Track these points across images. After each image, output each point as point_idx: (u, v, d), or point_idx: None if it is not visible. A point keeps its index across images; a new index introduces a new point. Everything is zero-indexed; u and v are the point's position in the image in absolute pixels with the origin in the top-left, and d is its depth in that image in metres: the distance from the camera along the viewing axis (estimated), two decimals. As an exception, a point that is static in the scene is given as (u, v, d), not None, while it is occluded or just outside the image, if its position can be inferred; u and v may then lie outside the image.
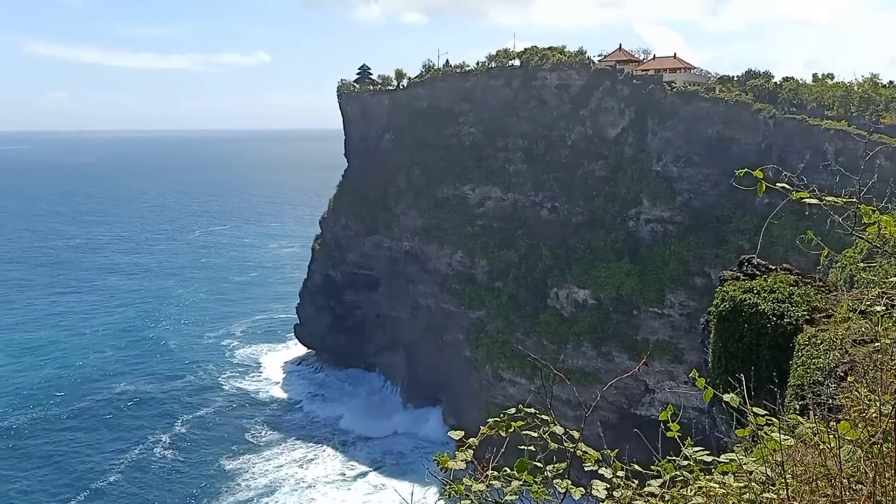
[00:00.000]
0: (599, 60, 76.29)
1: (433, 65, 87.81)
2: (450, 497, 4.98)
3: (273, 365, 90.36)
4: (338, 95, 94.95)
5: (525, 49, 78.72)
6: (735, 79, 70.94)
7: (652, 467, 4.86)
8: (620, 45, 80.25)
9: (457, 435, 5.61)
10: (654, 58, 78.50)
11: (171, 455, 65.10)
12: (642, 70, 73.72)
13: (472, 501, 4.78)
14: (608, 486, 4.85)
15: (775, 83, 67.15)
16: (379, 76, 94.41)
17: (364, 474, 63.59)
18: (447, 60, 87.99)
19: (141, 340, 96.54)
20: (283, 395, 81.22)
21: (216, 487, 59.94)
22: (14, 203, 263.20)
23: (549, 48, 77.08)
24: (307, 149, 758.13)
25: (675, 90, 66.48)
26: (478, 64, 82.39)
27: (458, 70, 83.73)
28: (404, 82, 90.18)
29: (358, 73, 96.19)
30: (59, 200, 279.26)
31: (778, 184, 4.86)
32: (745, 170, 5.04)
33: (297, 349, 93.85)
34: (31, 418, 71.36)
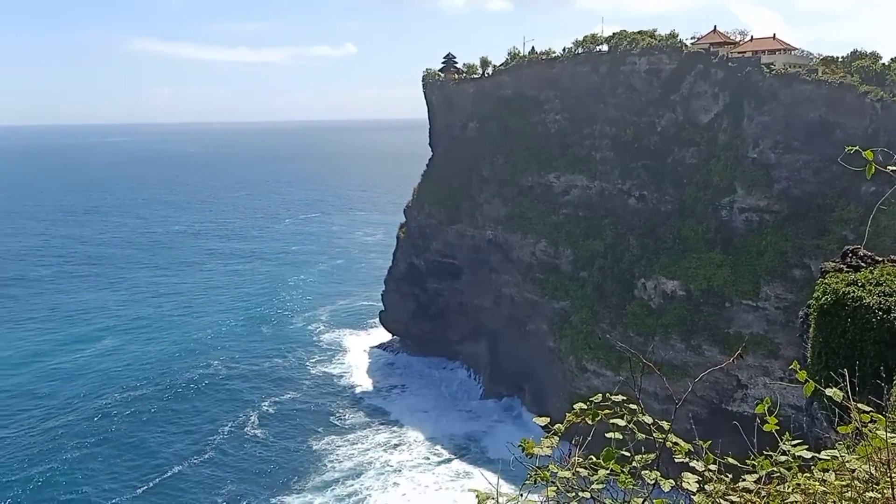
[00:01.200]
0: (692, 43, 73.65)
1: (518, 52, 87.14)
2: (535, 483, 4.97)
3: (358, 350, 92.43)
4: (423, 85, 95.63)
5: (613, 34, 76.90)
6: (839, 60, 67.03)
7: (747, 461, 4.69)
8: (715, 26, 77.26)
9: (542, 421, 5.60)
10: (752, 39, 75.12)
11: (261, 434, 67.62)
12: (738, 52, 70.69)
13: (557, 489, 4.75)
14: (699, 479, 4.71)
15: (883, 64, 63.05)
16: (464, 65, 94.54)
17: (448, 460, 64.22)
18: (533, 47, 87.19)
19: (235, 324, 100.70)
20: (367, 380, 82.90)
21: (304, 468, 61.91)
22: (120, 192, 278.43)
23: (639, 32, 75.02)
24: (392, 138, 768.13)
25: (773, 73, 63.41)
26: (564, 50, 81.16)
27: (544, 57, 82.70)
28: (489, 70, 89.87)
29: (443, 62, 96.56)
30: (162, 189, 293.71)
31: (889, 167, 4.58)
32: (856, 148, 4.77)
33: (381, 335, 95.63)
34: (133, 394, 75.65)
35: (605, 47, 76.88)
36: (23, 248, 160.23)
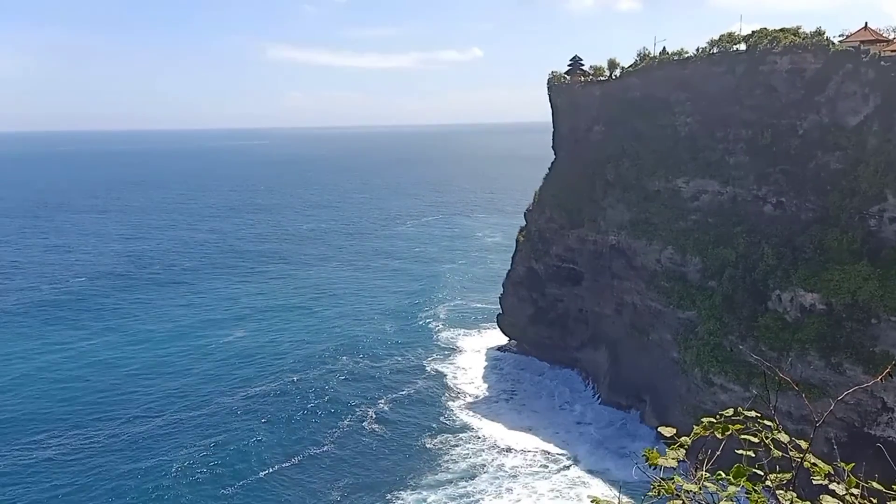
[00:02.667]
0: (840, 41, 68.62)
1: (648, 53, 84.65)
2: (659, 495, 4.85)
3: (474, 351, 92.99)
4: (548, 87, 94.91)
5: (752, 32, 72.93)
6: None
7: (894, 487, 4.36)
8: (866, 23, 71.52)
9: (668, 432, 5.43)
10: (908, 35, 69.00)
11: (379, 430, 69.38)
12: (892, 51, 65.13)
13: (682, 502, 4.62)
14: (840, 503, 4.42)
15: None
16: (591, 67, 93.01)
17: (565, 468, 63.21)
18: (664, 48, 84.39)
19: (361, 323, 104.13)
20: (483, 383, 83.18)
21: (419, 466, 62.90)
22: (251, 192, 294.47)
23: (781, 30, 70.76)
24: (515, 141, 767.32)
25: (934, 71, 57.95)
26: (698, 50, 77.93)
27: (676, 57, 79.80)
28: (617, 72, 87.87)
29: (569, 65, 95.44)
30: (293, 190, 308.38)
31: None
32: None
33: (498, 337, 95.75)
34: (267, 387, 79.71)
35: (742, 46, 73.12)
36: (194, 241, 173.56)
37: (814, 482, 4.51)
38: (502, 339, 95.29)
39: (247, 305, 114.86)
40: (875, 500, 4.32)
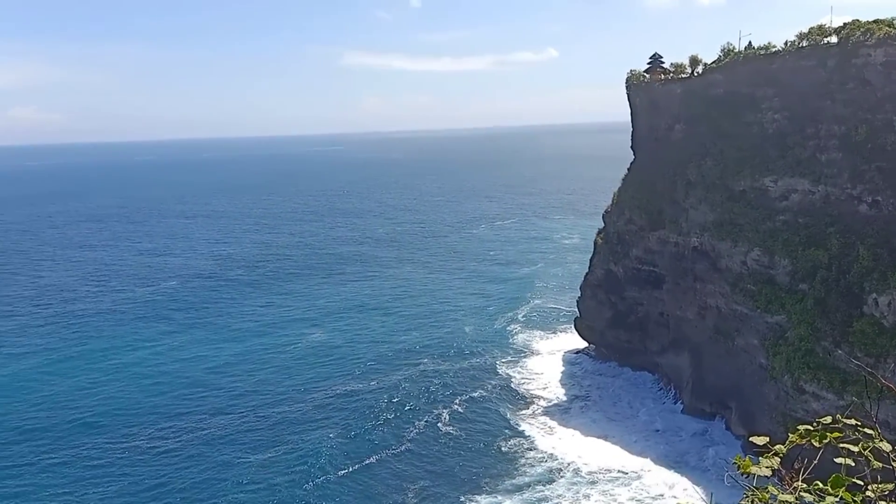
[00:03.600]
0: (942, 29, 64.49)
1: (733, 48, 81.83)
2: (752, 504, 4.69)
3: (551, 355, 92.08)
4: (626, 86, 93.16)
5: (844, 24, 69.46)
6: None
7: None
8: (973, 8, 67.05)
9: (760, 441, 5.24)
10: None
11: (453, 431, 69.50)
12: None
13: (776, 512, 4.46)
14: (950, 518, 4.18)
15: None
16: (671, 64, 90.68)
17: (645, 475, 61.65)
18: (749, 42, 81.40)
19: (437, 324, 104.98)
20: (560, 386, 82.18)
21: (496, 469, 62.64)
22: (329, 197, 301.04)
23: (874, 21, 67.06)
24: (592, 141, 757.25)
25: None
26: (785, 44, 74.82)
27: (762, 52, 76.88)
28: (699, 69, 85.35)
29: (649, 62, 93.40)
30: (370, 193, 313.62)
31: None
32: None
33: (575, 341, 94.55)
34: (344, 387, 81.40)
35: (833, 39, 69.72)
36: (276, 244, 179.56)
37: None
38: (579, 343, 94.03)
39: (325, 306, 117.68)
40: None
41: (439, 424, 70.86)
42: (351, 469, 62.04)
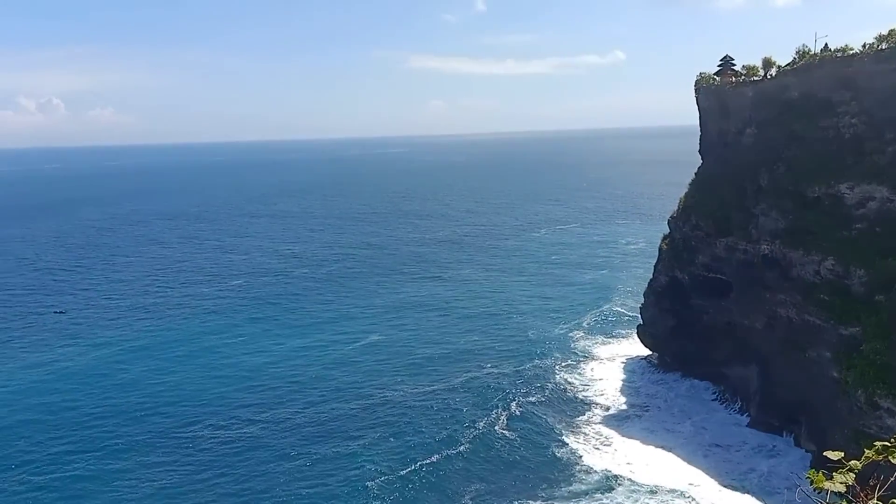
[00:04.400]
0: None
1: (808, 50, 79.08)
2: (825, 520, 4.55)
3: (612, 362, 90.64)
4: (695, 89, 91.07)
5: (929, 24, 66.30)
6: None
7: None
8: None
9: (834, 456, 5.06)
10: None
11: (510, 435, 69.07)
12: None
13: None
14: None
15: None
16: (743, 66, 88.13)
17: (706, 489, 59.91)
18: (825, 45, 78.51)
19: (497, 327, 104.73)
20: (619, 395, 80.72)
21: (552, 474, 61.96)
22: (391, 198, 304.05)
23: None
24: (658, 146, 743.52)
25: None
26: (864, 46, 71.88)
27: (839, 54, 74.04)
28: (772, 71, 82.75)
29: (719, 65, 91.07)
30: (430, 196, 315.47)
31: None
32: None
33: (637, 349, 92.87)
34: (402, 386, 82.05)
35: (916, 40, 66.62)
36: (339, 244, 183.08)
37: None
38: (642, 351, 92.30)
39: (385, 305, 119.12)
40: None
41: (496, 427, 70.63)
42: (408, 469, 62.35)
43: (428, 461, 63.55)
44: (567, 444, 67.58)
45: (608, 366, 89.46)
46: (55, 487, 60.97)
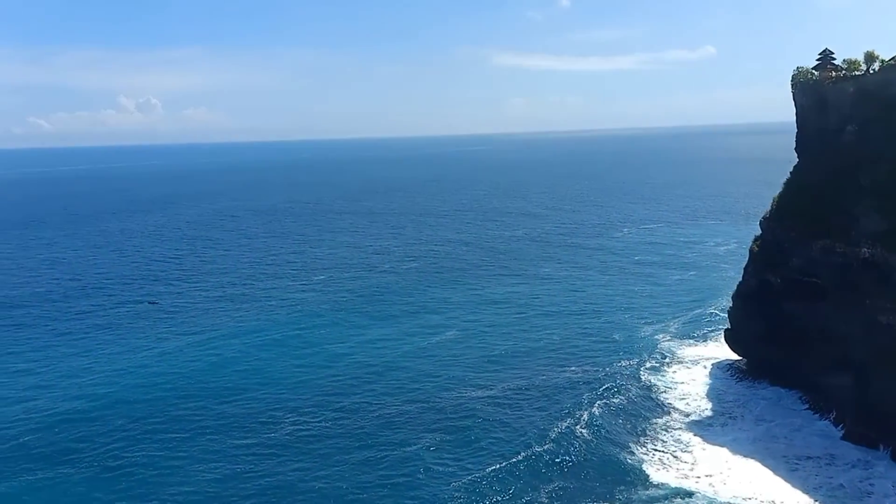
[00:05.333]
0: None
1: (917, 42, 74.40)
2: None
3: (697, 367, 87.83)
4: (792, 85, 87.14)
5: None
6: None
7: None
8: None
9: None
10: None
11: (589, 437, 67.80)
12: None
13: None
14: None
15: None
16: (843, 61, 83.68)
17: (795, 502, 57.14)
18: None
19: (582, 326, 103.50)
20: (704, 399, 78.05)
21: (629, 477, 60.53)
22: (473, 198, 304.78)
23: None
24: (750, 144, 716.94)
25: None
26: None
27: (953, 46, 69.27)
28: (875, 66, 78.26)
29: (818, 60, 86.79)
30: (512, 193, 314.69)
31: None
32: None
33: (724, 353, 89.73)
34: (483, 385, 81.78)
35: None
36: (419, 241, 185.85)
37: None
38: (729, 356, 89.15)
39: (463, 301, 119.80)
40: None
41: (577, 428, 69.67)
42: (496, 467, 61.89)
43: (510, 461, 62.88)
44: (644, 451, 65.88)
45: (692, 370, 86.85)
46: (147, 462, 64.44)
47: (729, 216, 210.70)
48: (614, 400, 76.56)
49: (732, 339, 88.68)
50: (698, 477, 60.90)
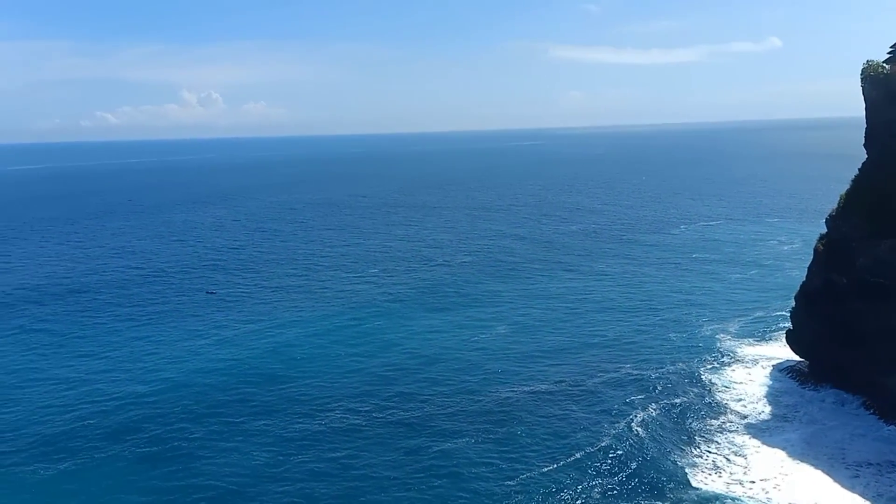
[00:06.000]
0: None
1: None
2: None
3: (757, 368, 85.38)
4: (861, 78, 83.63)
5: None
6: None
7: None
8: None
9: None
10: None
11: (644, 434, 66.60)
12: None
13: None
14: None
15: None
16: (918, 52, 79.95)
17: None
18: None
19: (638, 324, 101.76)
20: (763, 403, 75.70)
21: (679, 481, 58.88)
22: (527, 192, 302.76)
23: None
24: (818, 139, 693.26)
25: None
26: None
27: None
28: (954, 56, 74.51)
29: (889, 52, 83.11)
30: (568, 188, 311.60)
31: None
32: None
33: (786, 354, 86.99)
34: (546, 382, 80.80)
35: None
36: (474, 236, 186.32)
37: None
38: (790, 357, 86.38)
39: (516, 296, 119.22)
40: None
41: (633, 426, 68.45)
42: (553, 466, 61.30)
43: (566, 461, 62.08)
44: (698, 452, 64.25)
45: (751, 371, 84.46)
46: (202, 444, 66.43)
47: (794, 214, 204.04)
48: (669, 400, 75.00)
49: (794, 340, 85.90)
50: (752, 482, 59.03)
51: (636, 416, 70.70)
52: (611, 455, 63.24)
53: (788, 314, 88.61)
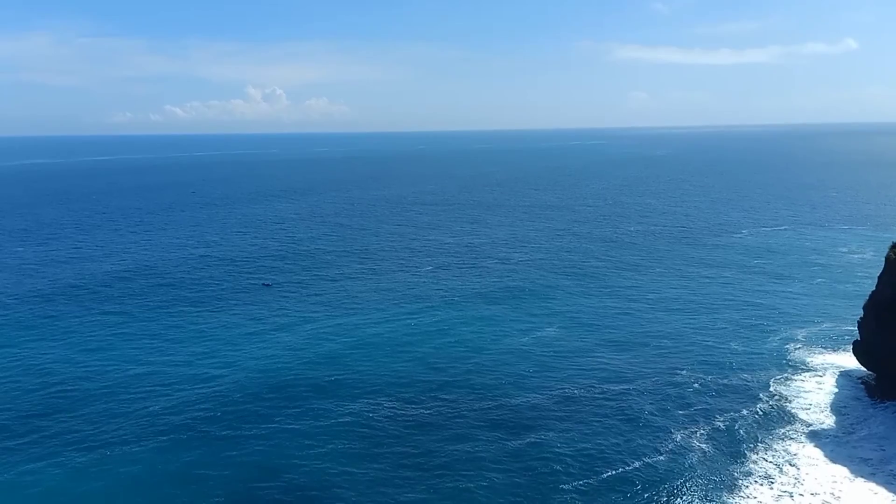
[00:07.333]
0: None
1: None
2: None
3: (821, 378, 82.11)
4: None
5: None
6: None
7: None
8: None
9: None
10: None
11: (707, 448, 64.37)
12: None
13: None
14: None
15: None
16: None
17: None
18: None
19: (697, 332, 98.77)
20: (825, 416, 72.58)
21: (741, 489, 57.57)
22: (587, 193, 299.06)
23: None
24: (893, 144, 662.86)
25: None
26: None
27: None
28: None
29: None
30: (627, 188, 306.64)
31: None
32: None
33: (851, 365, 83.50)
34: (600, 388, 79.14)
35: None
36: (526, 234, 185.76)
37: None
38: (857, 369, 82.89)
39: (568, 298, 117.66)
40: None
41: (694, 439, 66.15)
42: (617, 472, 60.00)
43: (628, 468, 60.69)
44: (753, 459, 62.21)
45: (816, 382, 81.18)
46: (258, 434, 67.82)
47: (867, 222, 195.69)
48: (740, 412, 71.73)
49: (862, 352, 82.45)
50: (802, 495, 56.85)
51: (704, 429, 68.23)
52: (671, 465, 61.28)
53: (856, 325, 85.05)
